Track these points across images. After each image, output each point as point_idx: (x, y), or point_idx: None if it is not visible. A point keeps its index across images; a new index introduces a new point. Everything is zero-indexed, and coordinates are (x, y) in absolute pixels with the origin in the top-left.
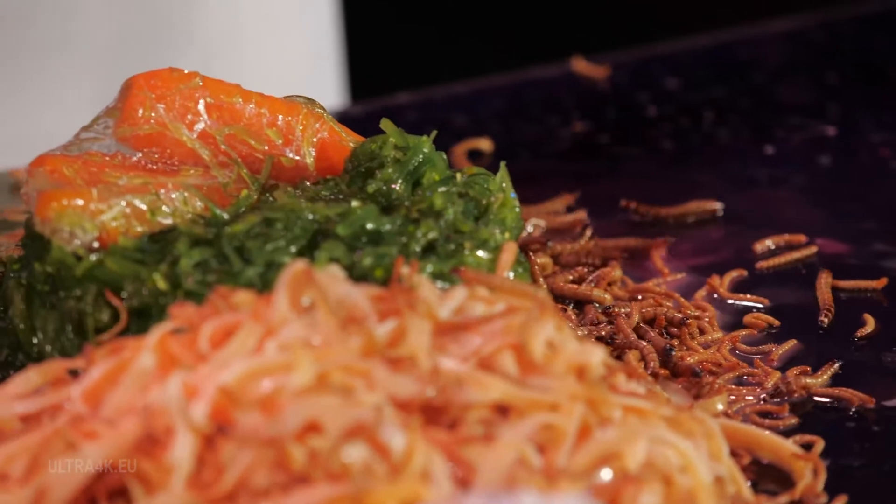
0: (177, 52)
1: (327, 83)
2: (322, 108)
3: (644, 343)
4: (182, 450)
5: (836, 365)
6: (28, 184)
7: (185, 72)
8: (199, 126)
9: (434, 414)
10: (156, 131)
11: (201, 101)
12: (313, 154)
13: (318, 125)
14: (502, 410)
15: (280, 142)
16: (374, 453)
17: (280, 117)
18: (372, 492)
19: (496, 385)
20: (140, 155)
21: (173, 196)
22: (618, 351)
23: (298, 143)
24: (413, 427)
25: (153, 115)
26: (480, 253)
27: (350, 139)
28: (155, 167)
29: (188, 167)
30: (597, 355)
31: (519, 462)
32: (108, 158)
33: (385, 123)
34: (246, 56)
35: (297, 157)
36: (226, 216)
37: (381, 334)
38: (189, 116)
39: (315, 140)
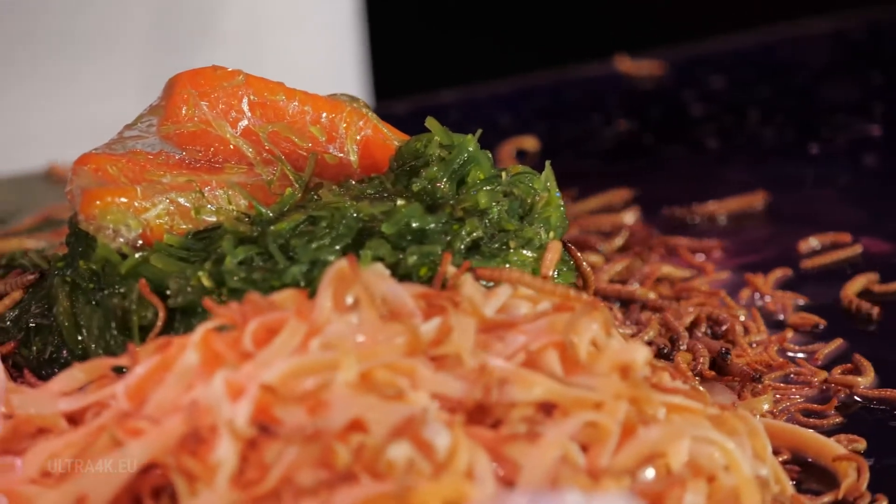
0: (212, 50)
1: (356, 82)
2: (366, 105)
3: (697, 344)
4: (226, 448)
5: (881, 365)
6: (72, 182)
7: (229, 69)
8: (243, 123)
9: (478, 412)
10: (199, 129)
11: (244, 99)
12: (357, 151)
13: (361, 123)
14: (546, 409)
15: (324, 139)
16: (419, 452)
17: (324, 115)
18: (416, 490)
19: (540, 383)
20: (183, 153)
21: (217, 194)
22: (666, 350)
23: (342, 140)
24: (457, 425)
25: (197, 112)
26: (525, 252)
27: (394, 137)
28: (198, 165)
29: (232, 165)
30: (641, 354)
31: (563, 461)
32: (151, 157)
33: (430, 122)
34: (276, 54)
35: (341, 155)
36: (270, 214)
37: (426, 332)
38: (232, 114)
39: (359, 138)
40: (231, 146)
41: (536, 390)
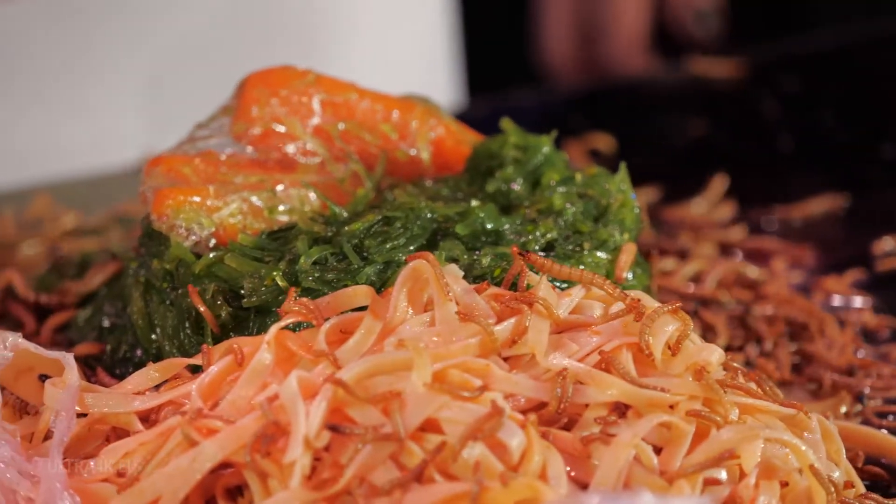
0: (291, 48)
1: (443, 79)
2: (438, 105)
3: (773, 345)
4: (300, 447)
5: None
6: (145, 182)
7: (299, 69)
8: (314, 122)
9: (551, 412)
10: (270, 128)
11: (315, 98)
12: (429, 150)
13: (433, 122)
14: (620, 410)
15: (395, 137)
16: (492, 452)
17: (395, 113)
18: (490, 491)
19: (614, 384)
20: (255, 152)
21: (290, 192)
22: (742, 351)
23: (413, 139)
24: (530, 426)
25: (268, 111)
26: (599, 253)
27: (468, 137)
28: (270, 164)
29: (304, 163)
30: (715, 355)
31: (636, 462)
32: (223, 156)
33: (506, 123)
34: (360, 52)
35: (413, 152)
36: (345, 214)
37: (500, 333)
38: (303, 112)
39: (431, 136)
40: (302, 145)
41: (610, 391)
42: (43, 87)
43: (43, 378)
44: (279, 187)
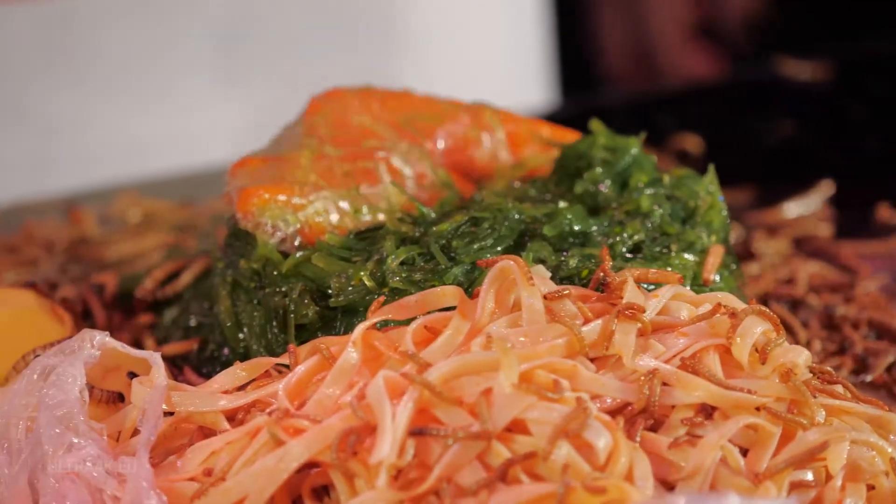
0: (380, 47)
1: (534, 79)
2: (501, 109)
3: (862, 347)
4: (387, 447)
5: None
6: (229, 183)
7: (356, 87)
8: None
9: (637, 413)
10: (347, 132)
11: (375, 108)
12: (506, 147)
13: (501, 121)
14: (706, 411)
15: (472, 135)
16: (579, 453)
17: (463, 116)
18: (576, 492)
19: (701, 386)
20: (337, 154)
21: (376, 191)
22: (831, 353)
23: (481, 142)
24: (617, 427)
25: (333, 133)
26: (687, 255)
27: (550, 138)
28: (353, 167)
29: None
30: (802, 357)
31: (722, 463)
32: (307, 158)
33: (595, 124)
34: (452, 52)
35: (487, 148)
36: (433, 214)
37: (587, 334)
38: (370, 142)
39: (502, 137)
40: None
41: (697, 393)
42: (123, 83)
43: (131, 376)
44: (364, 187)
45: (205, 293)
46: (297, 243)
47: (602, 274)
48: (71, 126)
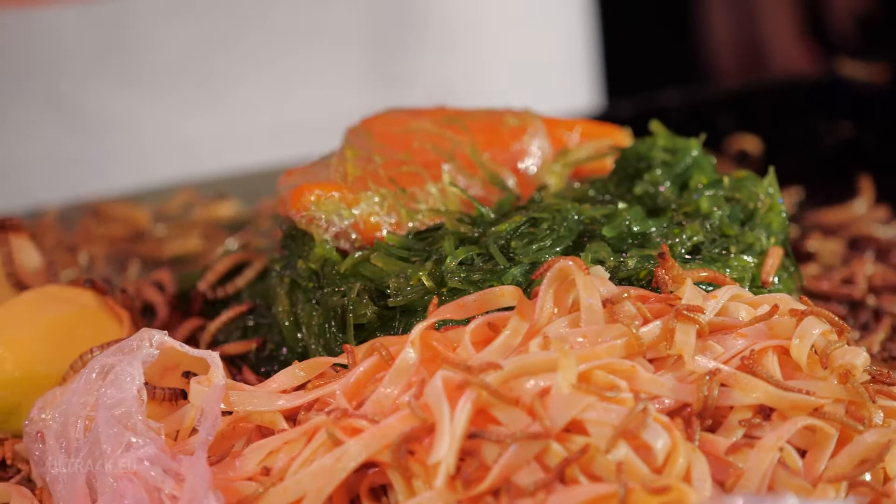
0: (428, 50)
1: (582, 81)
2: (538, 114)
3: None
4: (445, 447)
5: None
6: (281, 186)
7: (403, 109)
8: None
9: (696, 414)
10: (399, 138)
11: (418, 119)
12: (549, 143)
13: (543, 127)
14: (764, 412)
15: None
16: (637, 453)
17: (507, 121)
18: (634, 492)
19: (759, 387)
20: (385, 160)
21: (430, 190)
22: (890, 354)
23: (527, 144)
24: (675, 428)
25: (377, 144)
26: (746, 257)
27: (597, 136)
28: (404, 171)
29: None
30: (861, 358)
31: (780, 464)
32: (358, 160)
33: (655, 125)
34: (505, 54)
35: (529, 157)
36: (492, 215)
37: (646, 334)
38: (415, 144)
39: (544, 140)
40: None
41: (755, 394)
42: (175, 83)
43: (186, 375)
44: (413, 189)
45: (262, 293)
46: (352, 237)
47: (663, 270)
48: (127, 125)
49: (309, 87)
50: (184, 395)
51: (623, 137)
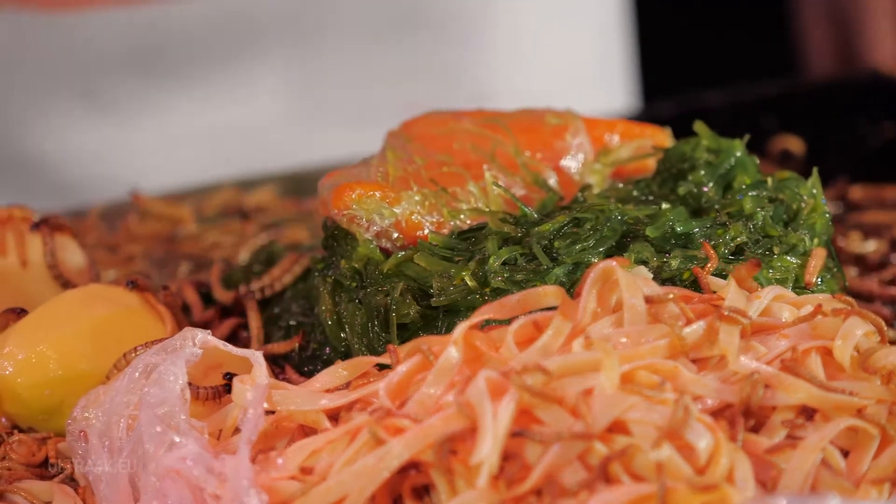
0: (459, 53)
1: (618, 82)
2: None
3: None
4: (488, 447)
5: None
6: (322, 187)
7: (443, 111)
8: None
9: (739, 415)
10: (439, 139)
11: (457, 120)
12: (590, 143)
13: (583, 127)
14: (807, 412)
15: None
16: (680, 453)
17: (547, 122)
18: (677, 492)
19: (802, 388)
20: (427, 161)
21: (471, 189)
22: None
23: (568, 144)
24: (719, 428)
25: (418, 146)
26: (789, 258)
27: (638, 136)
28: (446, 171)
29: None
30: None
31: (823, 465)
32: (400, 161)
33: (699, 126)
34: (542, 55)
35: (569, 157)
36: (535, 215)
37: (689, 335)
38: (455, 145)
39: (585, 140)
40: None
41: (798, 394)
42: (208, 80)
43: (227, 376)
44: (454, 189)
45: (304, 293)
46: (394, 236)
47: (707, 268)
48: (167, 123)
49: (344, 86)
50: (227, 393)
51: (664, 137)
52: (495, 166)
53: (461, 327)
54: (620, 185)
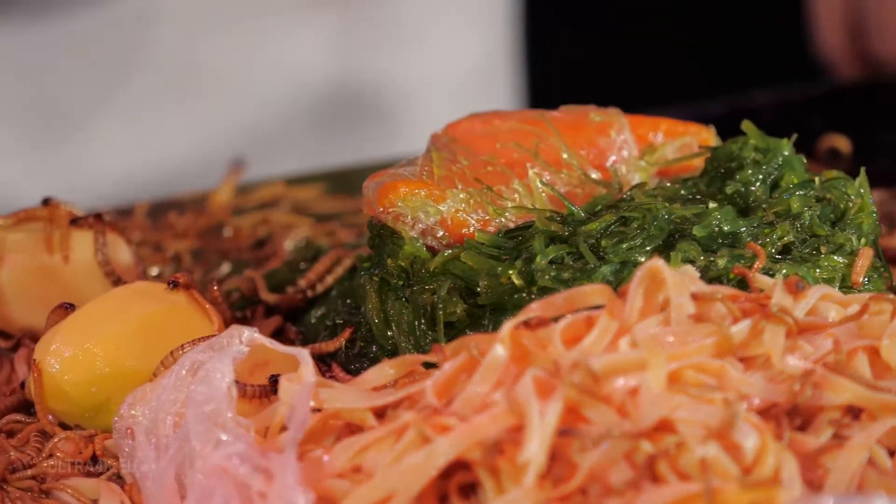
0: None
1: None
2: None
3: None
4: (535, 446)
5: None
6: (367, 186)
7: (487, 112)
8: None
9: (785, 414)
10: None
11: (502, 120)
12: (633, 152)
13: (626, 125)
14: (854, 412)
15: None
16: (726, 453)
17: (591, 120)
18: (724, 492)
19: (849, 387)
20: (471, 161)
21: (516, 187)
22: None
23: (613, 141)
24: (765, 428)
25: (461, 147)
26: (836, 257)
27: (682, 135)
28: (491, 170)
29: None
30: None
31: (870, 464)
32: (444, 161)
33: (746, 125)
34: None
35: (614, 155)
36: (582, 214)
37: (736, 334)
38: (498, 145)
39: (629, 138)
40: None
41: (844, 394)
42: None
43: (273, 378)
44: (501, 186)
45: (349, 292)
46: (439, 234)
47: (755, 267)
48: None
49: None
50: (274, 385)
51: (708, 136)
52: (539, 163)
53: (508, 325)
54: (668, 184)
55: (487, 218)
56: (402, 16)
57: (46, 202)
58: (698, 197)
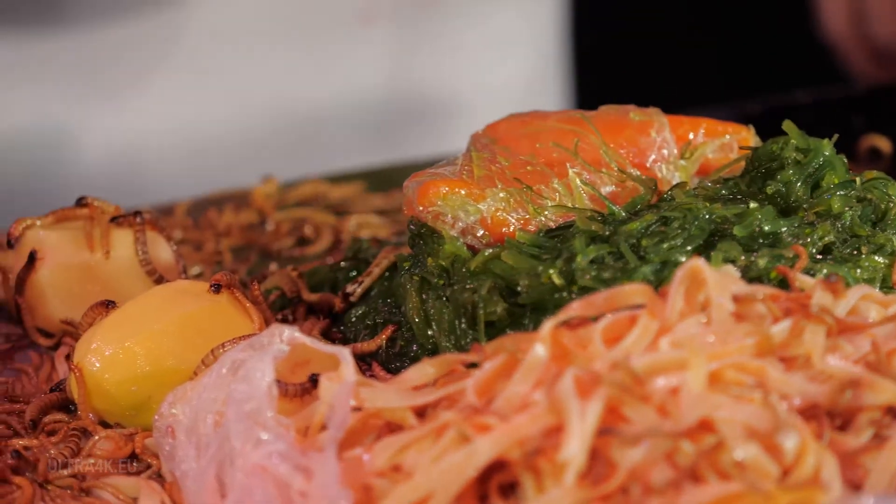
0: None
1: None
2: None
3: None
4: (575, 445)
5: None
6: (407, 186)
7: (526, 112)
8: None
9: (825, 414)
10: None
11: (542, 120)
12: (674, 140)
13: (667, 125)
14: (893, 412)
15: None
16: (766, 453)
17: (630, 121)
18: (764, 492)
19: (889, 387)
20: (511, 161)
21: (556, 187)
22: None
23: (653, 141)
24: (806, 427)
25: (502, 147)
26: (877, 258)
27: (723, 135)
28: (530, 170)
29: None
30: None
31: None
32: (483, 161)
33: (787, 125)
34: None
35: (654, 155)
36: (623, 214)
37: (776, 334)
38: (538, 144)
39: (668, 138)
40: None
41: (885, 394)
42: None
43: (313, 379)
44: (541, 185)
45: (389, 291)
46: (479, 234)
47: (797, 267)
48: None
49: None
50: (314, 389)
51: (748, 136)
52: (580, 162)
53: (548, 325)
54: (708, 184)
55: (527, 217)
56: (452, 27)
57: (81, 202)
58: (739, 197)
